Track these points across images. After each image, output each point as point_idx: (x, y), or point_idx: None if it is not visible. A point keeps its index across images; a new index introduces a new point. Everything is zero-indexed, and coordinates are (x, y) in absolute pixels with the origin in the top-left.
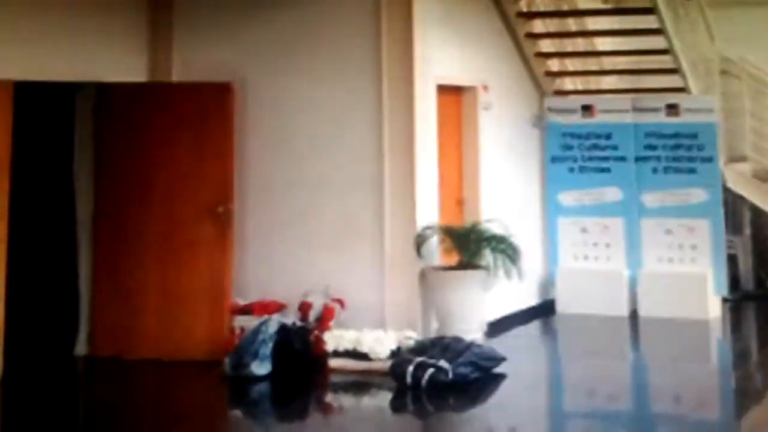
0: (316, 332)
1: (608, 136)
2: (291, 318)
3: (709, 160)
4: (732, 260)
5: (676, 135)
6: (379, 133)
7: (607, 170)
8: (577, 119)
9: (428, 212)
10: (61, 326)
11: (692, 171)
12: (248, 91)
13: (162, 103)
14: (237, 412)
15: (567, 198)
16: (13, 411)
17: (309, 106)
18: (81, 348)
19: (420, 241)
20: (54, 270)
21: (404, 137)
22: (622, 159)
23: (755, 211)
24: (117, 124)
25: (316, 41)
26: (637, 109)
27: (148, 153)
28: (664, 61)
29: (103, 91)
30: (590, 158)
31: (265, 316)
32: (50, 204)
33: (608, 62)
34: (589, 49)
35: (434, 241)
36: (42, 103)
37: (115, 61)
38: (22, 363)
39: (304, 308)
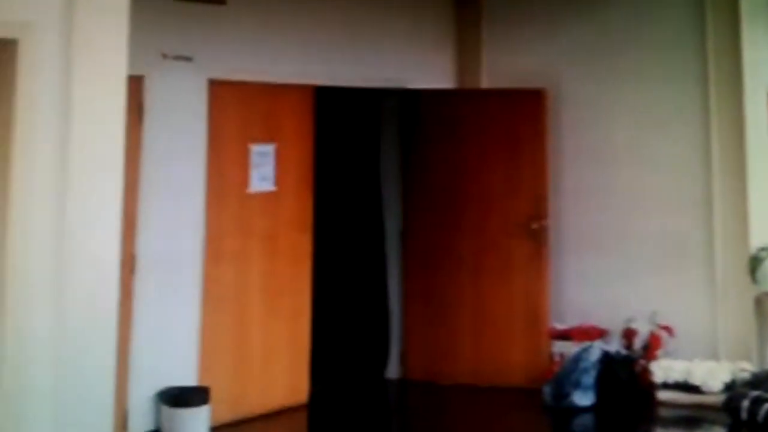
0: (642, 362)
1: None
2: (614, 345)
3: None
4: None
5: None
6: (706, 142)
7: None
8: None
9: (763, 232)
10: (373, 347)
11: None
12: (562, 97)
13: (472, 110)
14: None
15: None
16: None
17: (629, 113)
18: (393, 371)
19: (754, 264)
20: (364, 287)
21: (734, 147)
22: None
23: None
24: (424, 133)
25: (635, 43)
26: None
27: (458, 164)
28: None
29: (410, 97)
30: None
31: (586, 343)
32: (359, 217)
33: None
34: None
35: None
36: (351, 110)
37: (421, 66)
38: (332, 384)
39: (628, 335)
